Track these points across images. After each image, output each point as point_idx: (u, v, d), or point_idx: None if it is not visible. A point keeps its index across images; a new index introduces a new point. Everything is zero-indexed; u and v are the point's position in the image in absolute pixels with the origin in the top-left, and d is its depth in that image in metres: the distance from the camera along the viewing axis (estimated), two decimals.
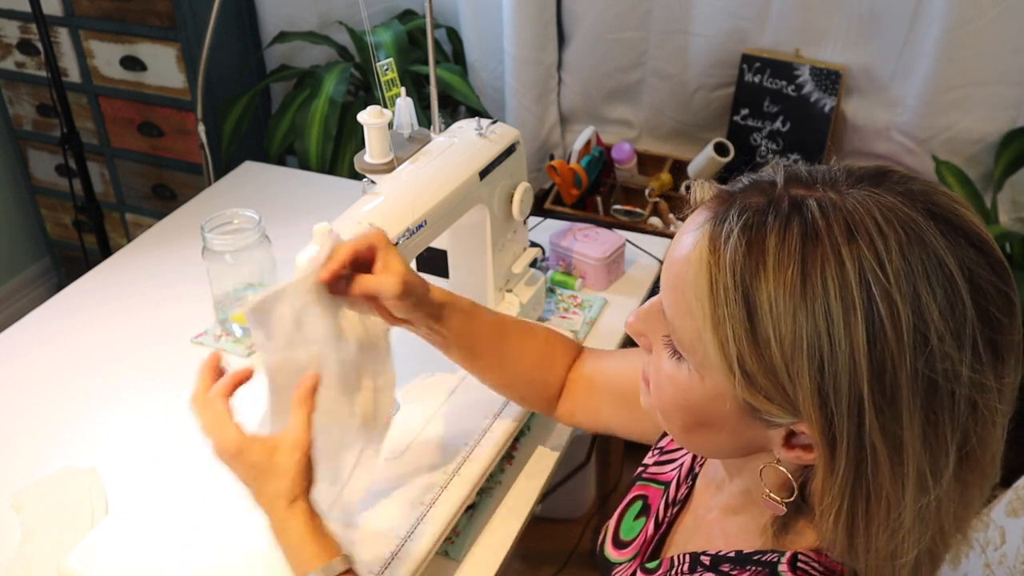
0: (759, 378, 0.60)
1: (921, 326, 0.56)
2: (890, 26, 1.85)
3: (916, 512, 0.60)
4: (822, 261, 0.57)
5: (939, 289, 0.57)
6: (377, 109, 1.12)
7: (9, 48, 2.41)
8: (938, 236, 0.58)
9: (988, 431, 0.60)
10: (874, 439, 0.58)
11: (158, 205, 2.50)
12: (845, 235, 0.57)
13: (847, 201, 0.59)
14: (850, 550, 0.63)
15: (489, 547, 1.07)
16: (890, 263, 0.56)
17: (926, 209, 0.59)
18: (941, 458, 0.59)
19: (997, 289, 0.59)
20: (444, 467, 1.07)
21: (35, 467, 1.18)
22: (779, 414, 0.61)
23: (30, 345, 1.41)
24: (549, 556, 1.96)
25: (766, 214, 0.60)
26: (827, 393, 0.58)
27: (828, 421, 0.59)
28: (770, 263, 0.58)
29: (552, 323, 1.39)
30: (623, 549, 0.88)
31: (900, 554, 0.62)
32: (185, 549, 0.99)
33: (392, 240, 1.04)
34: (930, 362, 0.57)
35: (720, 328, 0.60)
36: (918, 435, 0.58)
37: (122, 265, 1.60)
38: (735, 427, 0.66)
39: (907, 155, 1.93)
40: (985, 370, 0.58)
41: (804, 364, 0.58)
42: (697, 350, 0.64)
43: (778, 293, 0.58)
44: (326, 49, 2.31)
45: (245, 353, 1.35)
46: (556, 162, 1.96)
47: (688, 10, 2.00)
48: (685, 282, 0.63)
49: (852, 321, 0.56)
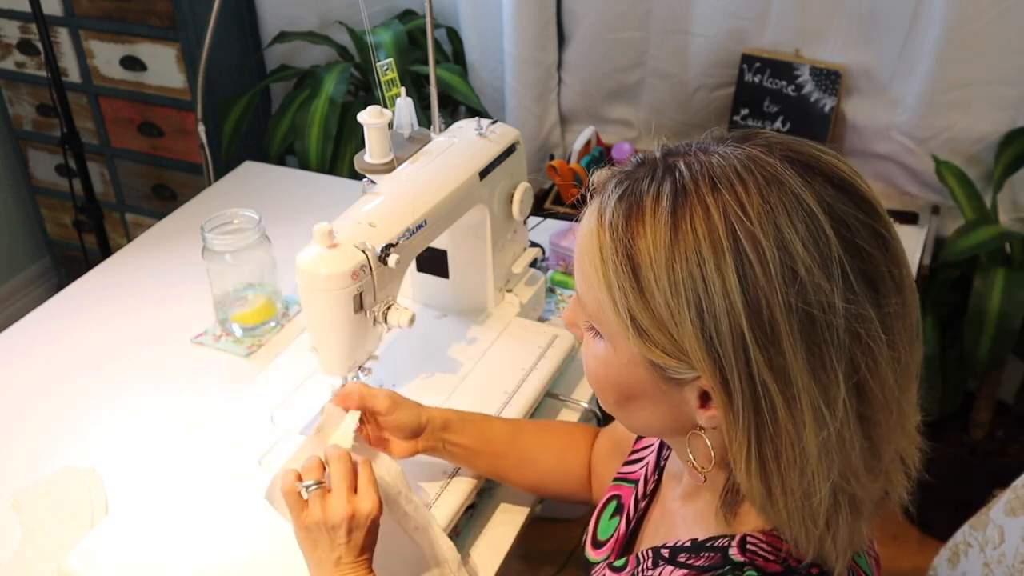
0: (652, 331, 0.64)
1: (787, 260, 0.60)
2: (890, 26, 1.85)
3: (819, 446, 0.63)
4: (691, 213, 0.62)
5: (800, 224, 0.60)
6: (377, 109, 1.12)
7: (9, 48, 2.41)
8: (795, 177, 0.62)
9: (879, 361, 0.63)
10: (764, 376, 0.61)
11: (158, 205, 2.50)
12: (710, 187, 0.62)
13: (712, 158, 0.64)
14: (769, 498, 0.65)
15: (489, 547, 1.07)
16: (751, 205, 0.61)
17: (784, 156, 0.64)
18: (832, 388, 0.62)
19: (861, 222, 0.62)
20: (444, 467, 1.07)
21: (35, 467, 1.18)
22: (679, 367, 0.65)
23: (30, 345, 1.41)
24: (549, 556, 1.96)
25: (642, 181, 0.65)
26: (711, 335, 0.61)
27: (717, 364, 0.62)
28: (647, 220, 0.63)
29: (552, 323, 1.39)
30: (600, 549, 0.90)
31: (813, 491, 0.64)
32: (185, 549, 0.99)
33: (392, 240, 1.04)
34: (802, 294, 0.60)
35: (612, 288, 0.65)
36: (804, 367, 0.61)
37: (122, 265, 1.60)
38: (655, 394, 0.69)
39: (907, 155, 1.93)
40: (860, 300, 0.61)
41: (685, 310, 0.62)
42: (603, 320, 0.68)
43: (655, 245, 0.62)
44: (326, 49, 2.31)
45: (245, 353, 1.35)
46: (556, 162, 1.96)
47: (688, 10, 2.00)
48: (583, 255, 0.68)
49: (722, 263, 0.60)
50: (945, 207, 1.93)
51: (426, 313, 1.33)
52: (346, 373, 1.10)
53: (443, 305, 1.34)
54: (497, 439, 1.06)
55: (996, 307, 1.72)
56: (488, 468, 1.07)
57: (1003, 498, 1.24)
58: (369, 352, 1.10)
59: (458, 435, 1.03)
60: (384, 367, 1.19)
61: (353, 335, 1.04)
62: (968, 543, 1.26)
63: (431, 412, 1.02)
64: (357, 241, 1.01)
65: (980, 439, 2.00)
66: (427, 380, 1.21)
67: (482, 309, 1.32)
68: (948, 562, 1.29)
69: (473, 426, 1.05)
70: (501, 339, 1.28)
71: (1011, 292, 1.72)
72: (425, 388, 1.20)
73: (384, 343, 1.15)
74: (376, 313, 1.06)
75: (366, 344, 1.08)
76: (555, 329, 1.30)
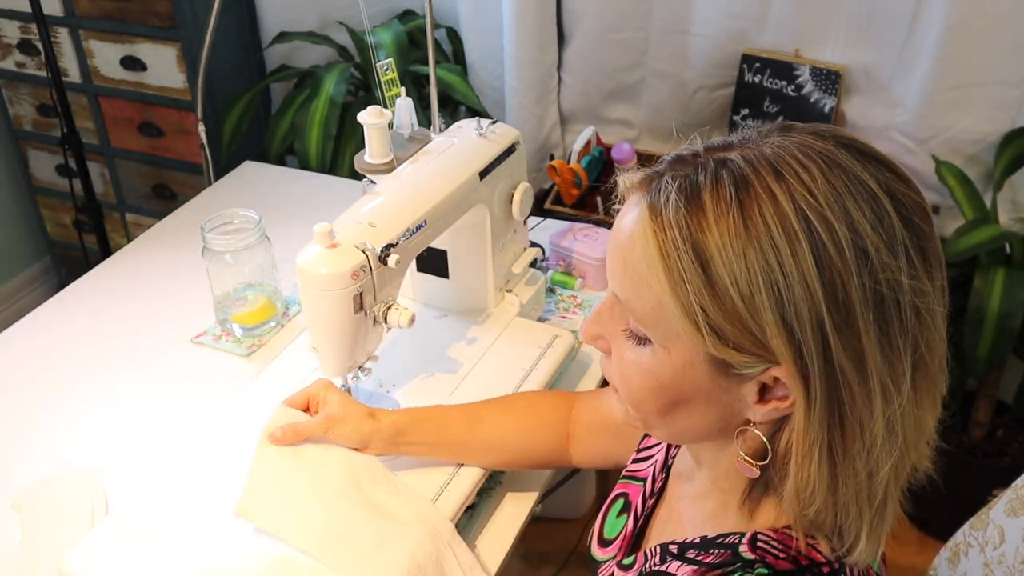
0: (726, 328, 0.62)
1: (858, 241, 0.60)
2: (890, 26, 1.85)
3: (885, 425, 0.63)
4: (758, 202, 0.61)
5: (865, 205, 0.61)
6: (377, 109, 1.12)
7: (9, 48, 2.41)
8: (852, 160, 0.62)
9: (932, 334, 0.64)
10: (841, 361, 0.61)
11: (158, 205, 2.50)
12: (773, 175, 0.61)
13: (765, 149, 0.63)
14: (832, 484, 0.65)
15: (489, 547, 1.07)
16: (818, 189, 0.60)
17: (835, 141, 0.64)
18: (898, 365, 0.62)
19: (913, 200, 0.63)
20: (444, 467, 1.07)
21: (35, 467, 1.18)
22: (751, 362, 0.63)
23: (30, 345, 1.41)
24: (549, 556, 1.96)
25: (695, 176, 0.63)
26: (791, 324, 0.60)
27: (798, 352, 0.61)
28: (710, 215, 0.61)
29: (552, 323, 1.39)
30: (607, 547, 0.89)
31: (877, 470, 0.64)
32: (185, 549, 0.99)
33: (392, 240, 1.04)
34: (873, 274, 0.60)
35: (679, 288, 0.62)
36: (876, 347, 0.61)
37: (122, 265, 1.60)
38: (709, 394, 0.67)
39: (907, 155, 1.93)
40: (920, 275, 0.62)
41: (764, 301, 0.60)
42: (660, 322, 0.65)
43: (725, 240, 0.60)
44: (326, 49, 2.31)
45: (245, 353, 1.35)
46: (556, 162, 1.96)
47: (688, 10, 2.00)
48: (635, 257, 0.65)
49: (798, 249, 0.60)
50: (945, 207, 1.93)
51: (426, 313, 1.33)
52: (346, 373, 1.10)
53: (443, 305, 1.34)
54: (456, 430, 1.06)
55: (996, 307, 1.72)
56: (453, 458, 1.08)
57: (1003, 498, 1.24)
58: (369, 352, 1.10)
59: (413, 436, 1.04)
60: (384, 367, 1.20)
61: (353, 335, 1.04)
62: (968, 543, 1.26)
63: (379, 423, 1.03)
64: (357, 241, 1.01)
65: (980, 439, 2.00)
66: (427, 380, 1.21)
67: (482, 309, 1.32)
68: (948, 562, 1.29)
69: (428, 423, 1.06)
70: (501, 339, 1.28)
71: (1011, 292, 1.72)
72: (425, 388, 1.20)
73: (384, 343, 1.15)
74: (376, 313, 1.06)
75: (366, 344, 1.08)
76: (555, 329, 1.30)
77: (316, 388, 1.06)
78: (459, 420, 1.07)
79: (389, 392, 1.19)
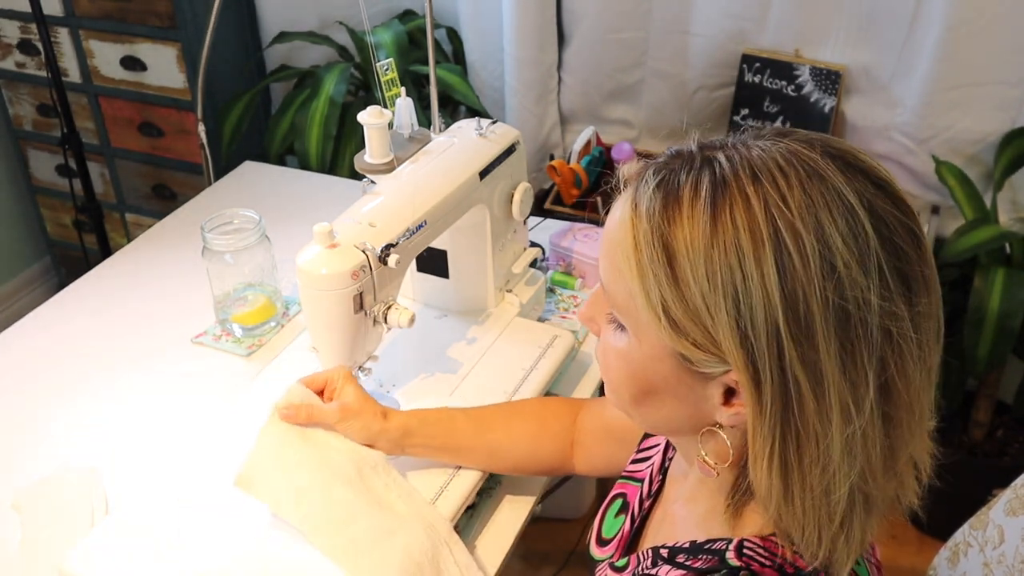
0: (685, 324, 0.63)
1: (827, 254, 0.59)
2: (890, 26, 1.85)
3: (843, 443, 0.62)
4: (731, 203, 0.61)
5: (840, 219, 0.60)
6: (377, 109, 1.12)
7: (9, 48, 2.41)
8: (836, 172, 0.62)
9: (907, 361, 0.63)
10: (795, 371, 0.61)
11: (158, 205, 2.50)
12: (750, 178, 0.62)
13: (752, 151, 0.63)
14: (786, 494, 0.65)
15: (489, 547, 1.07)
16: (792, 198, 0.60)
17: (824, 151, 0.63)
18: (861, 386, 0.61)
19: (899, 221, 0.62)
20: (444, 467, 1.07)
21: (35, 467, 1.18)
22: (710, 361, 0.64)
23: (30, 345, 1.41)
24: (549, 556, 1.96)
25: (679, 171, 0.64)
26: (745, 328, 0.61)
27: (750, 357, 0.61)
28: (684, 211, 0.62)
29: (552, 323, 1.39)
30: (605, 547, 0.90)
31: (833, 489, 0.64)
32: (184, 549, 0.99)
33: (392, 240, 1.04)
34: (839, 289, 0.60)
35: (645, 277, 0.64)
36: (836, 364, 0.61)
37: (122, 265, 1.60)
38: (676, 389, 0.68)
39: (907, 155, 1.93)
40: (894, 298, 0.61)
41: (721, 301, 0.61)
42: (631, 309, 0.67)
43: (693, 236, 0.61)
44: (326, 49, 2.31)
45: (245, 353, 1.35)
46: (556, 162, 1.96)
47: (688, 10, 2.00)
48: (615, 244, 0.67)
49: (761, 254, 0.60)
50: (945, 207, 1.93)
51: (426, 313, 1.33)
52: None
53: (443, 305, 1.34)
54: (463, 435, 1.07)
55: (996, 307, 1.72)
56: (457, 462, 1.08)
57: (1003, 498, 1.24)
58: (369, 352, 1.10)
59: (420, 438, 1.04)
60: (384, 367, 1.19)
61: (353, 335, 1.04)
62: (968, 543, 1.26)
63: (389, 422, 1.03)
64: (357, 241, 1.01)
65: (980, 439, 2.00)
66: (427, 380, 1.21)
67: (482, 309, 1.32)
68: (948, 562, 1.29)
69: (436, 427, 1.06)
70: (501, 339, 1.28)
71: (1011, 292, 1.72)
72: (425, 388, 1.20)
73: (384, 343, 1.15)
74: (376, 313, 1.06)
75: (366, 344, 1.08)
76: (555, 329, 1.30)
77: (335, 374, 1.04)
78: (466, 425, 1.07)
79: (389, 392, 1.19)
